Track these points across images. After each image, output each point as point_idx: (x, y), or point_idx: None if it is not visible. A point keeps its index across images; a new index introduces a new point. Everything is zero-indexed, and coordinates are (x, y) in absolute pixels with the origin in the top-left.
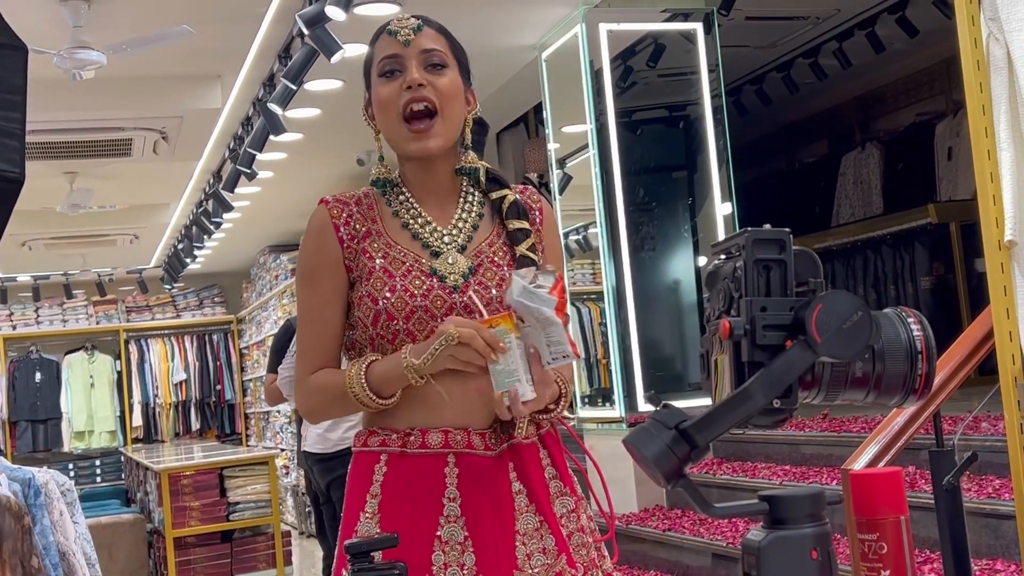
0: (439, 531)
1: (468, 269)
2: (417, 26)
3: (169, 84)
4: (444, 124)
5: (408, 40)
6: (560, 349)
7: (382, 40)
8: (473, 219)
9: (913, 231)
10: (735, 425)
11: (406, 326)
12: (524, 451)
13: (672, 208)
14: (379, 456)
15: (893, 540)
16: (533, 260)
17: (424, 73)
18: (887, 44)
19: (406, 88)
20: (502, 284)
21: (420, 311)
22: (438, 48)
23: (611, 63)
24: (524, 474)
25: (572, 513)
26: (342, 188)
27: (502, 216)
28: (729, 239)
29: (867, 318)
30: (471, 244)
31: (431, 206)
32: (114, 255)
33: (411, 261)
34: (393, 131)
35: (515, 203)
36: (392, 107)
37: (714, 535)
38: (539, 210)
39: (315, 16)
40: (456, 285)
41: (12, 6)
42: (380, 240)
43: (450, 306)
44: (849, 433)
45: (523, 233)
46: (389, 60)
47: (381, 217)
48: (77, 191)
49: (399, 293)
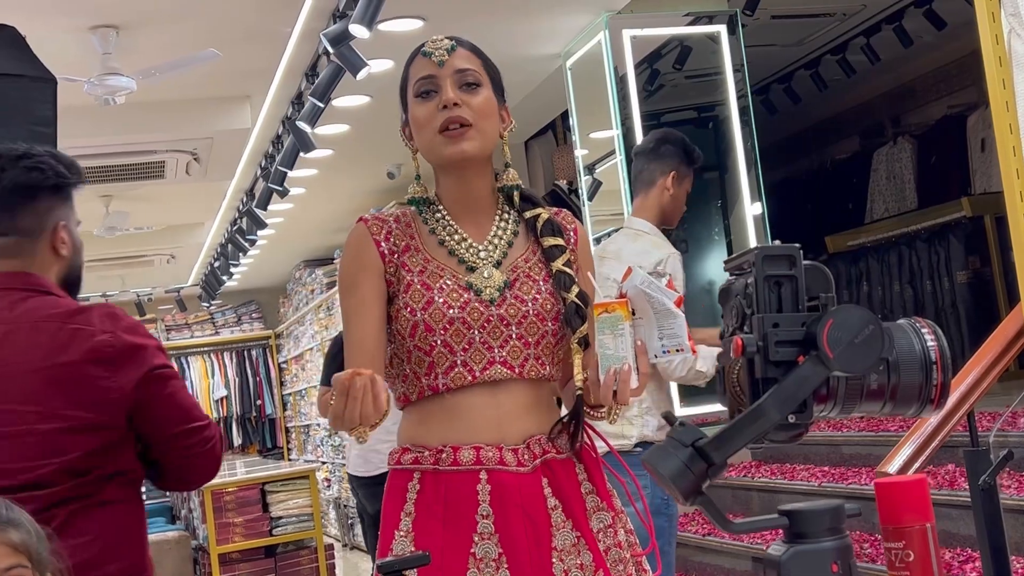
0: (473, 548)
1: (504, 283)
2: (451, 47)
3: (199, 106)
4: (479, 132)
5: (442, 61)
6: (676, 341)
7: (417, 62)
8: (508, 236)
9: (948, 225)
10: (751, 441)
11: (443, 338)
12: (559, 467)
13: (703, 210)
14: (412, 474)
15: (919, 548)
16: (570, 276)
17: (459, 92)
18: (915, 37)
19: (442, 107)
20: (537, 299)
21: (457, 323)
22: (472, 68)
23: (636, 68)
24: (559, 489)
25: (609, 528)
26: (374, 201)
27: (537, 234)
28: (740, 255)
29: (879, 331)
30: (507, 260)
31: (467, 223)
32: (152, 275)
33: (448, 275)
34: (429, 144)
35: (549, 221)
36: (428, 126)
37: (754, 539)
38: (573, 231)
39: (340, 34)
40: (492, 299)
41: (42, 36)
42: (418, 255)
43: (487, 318)
44: (887, 432)
45: (558, 249)
46: (424, 81)
47: (419, 234)
48: (113, 214)
49: (437, 305)
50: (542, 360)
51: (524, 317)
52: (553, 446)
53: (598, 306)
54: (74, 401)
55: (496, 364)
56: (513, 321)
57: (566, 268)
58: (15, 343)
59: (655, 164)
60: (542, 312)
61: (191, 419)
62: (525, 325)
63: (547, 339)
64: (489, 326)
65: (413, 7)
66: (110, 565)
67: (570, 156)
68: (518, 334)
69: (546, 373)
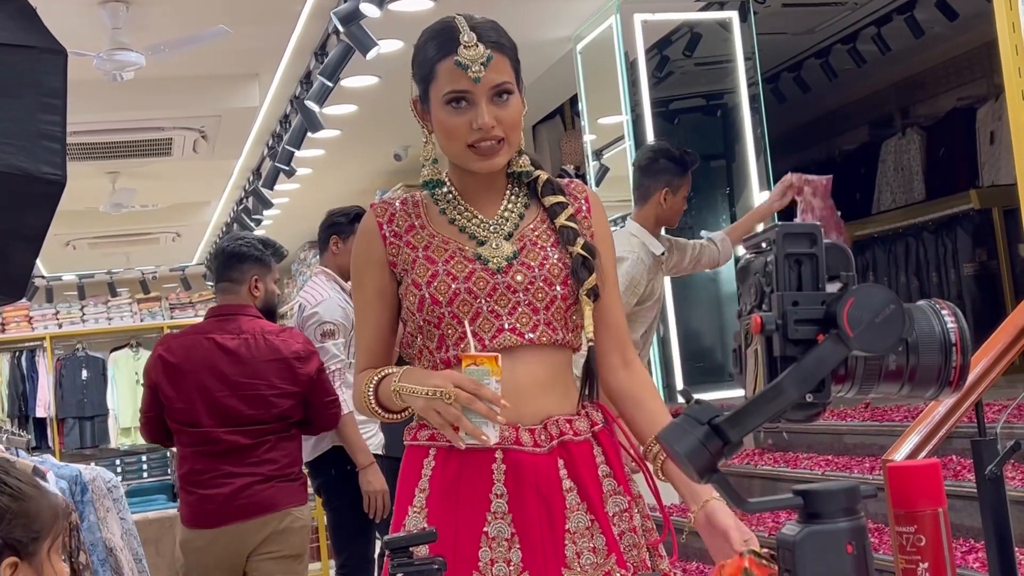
0: (486, 527)
1: (512, 253)
2: (487, 58)
3: (207, 84)
4: (508, 145)
5: (479, 78)
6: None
7: (449, 69)
8: (519, 209)
9: (955, 217)
10: (768, 420)
11: (450, 309)
12: (576, 449)
13: (711, 197)
14: (428, 450)
15: (931, 533)
16: (574, 229)
17: (492, 107)
18: (926, 28)
19: (476, 128)
20: (544, 264)
21: (463, 293)
22: (505, 80)
23: (646, 53)
24: (575, 472)
25: (625, 512)
26: (381, 183)
27: (539, 197)
28: (759, 234)
29: (900, 311)
30: (517, 231)
31: (477, 201)
32: (157, 253)
33: (453, 248)
34: (457, 154)
35: (549, 180)
36: (459, 138)
37: (756, 525)
38: (584, 199)
39: (350, 13)
40: (499, 267)
41: (52, 9)
42: (423, 232)
43: (493, 287)
44: (891, 422)
45: (560, 206)
46: (457, 93)
47: (427, 214)
48: (119, 191)
49: (441, 277)
50: (553, 325)
51: (531, 283)
52: (571, 427)
53: (466, 358)
54: (283, 378)
55: (505, 332)
56: (520, 288)
57: (569, 223)
58: (254, 345)
59: (650, 180)
60: (549, 277)
61: (331, 394)
62: (532, 291)
63: (557, 303)
64: (496, 294)
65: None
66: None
67: (578, 141)
68: (526, 300)
69: (559, 339)
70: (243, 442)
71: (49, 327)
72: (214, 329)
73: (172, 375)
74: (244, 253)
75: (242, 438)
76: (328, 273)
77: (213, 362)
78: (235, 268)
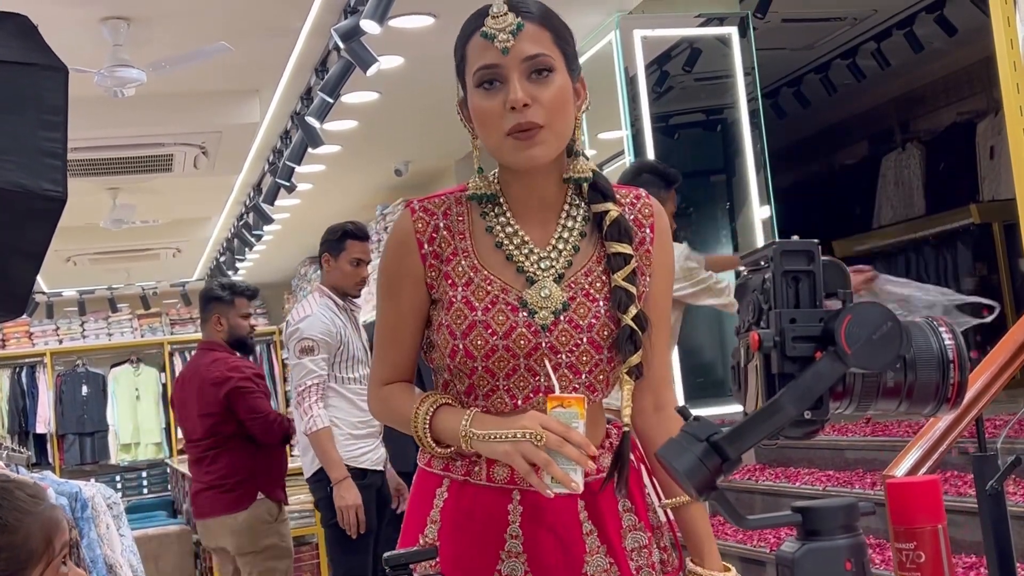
0: (499, 565)
1: (562, 305)
2: (517, 26)
3: (208, 100)
4: (551, 133)
5: (507, 48)
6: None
7: (476, 43)
8: (575, 238)
9: (955, 231)
10: (766, 437)
11: (485, 364)
12: (597, 485)
13: (711, 213)
14: (441, 480)
15: (931, 549)
16: (629, 294)
17: (528, 85)
18: (926, 43)
19: (509, 108)
20: (593, 325)
21: (501, 350)
22: (542, 51)
23: (646, 69)
24: (596, 513)
25: (644, 549)
26: (381, 198)
27: (602, 235)
28: (757, 251)
29: (897, 328)
30: (570, 270)
31: (530, 221)
32: (157, 269)
33: (497, 291)
34: (496, 146)
35: (617, 222)
36: (494, 125)
37: (757, 542)
38: (650, 227)
39: (351, 30)
40: (545, 324)
41: (53, 26)
42: (466, 262)
43: (535, 346)
44: (892, 437)
45: (622, 259)
46: (487, 71)
47: (471, 233)
48: (120, 207)
49: (479, 330)
50: (593, 386)
51: (576, 346)
52: (596, 462)
53: (552, 399)
54: (205, 402)
55: (541, 394)
56: (564, 350)
57: (626, 284)
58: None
59: None
60: (596, 340)
61: (255, 412)
62: (577, 354)
63: (601, 367)
64: (536, 354)
65: (424, 4)
66: (232, 478)
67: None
68: (568, 363)
69: (595, 399)
70: (194, 454)
71: (49, 343)
72: (191, 360)
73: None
74: (207, 295)
75: (193, 450)
76: (323, 290)
77: (176, 388)
78: (203, 308)
